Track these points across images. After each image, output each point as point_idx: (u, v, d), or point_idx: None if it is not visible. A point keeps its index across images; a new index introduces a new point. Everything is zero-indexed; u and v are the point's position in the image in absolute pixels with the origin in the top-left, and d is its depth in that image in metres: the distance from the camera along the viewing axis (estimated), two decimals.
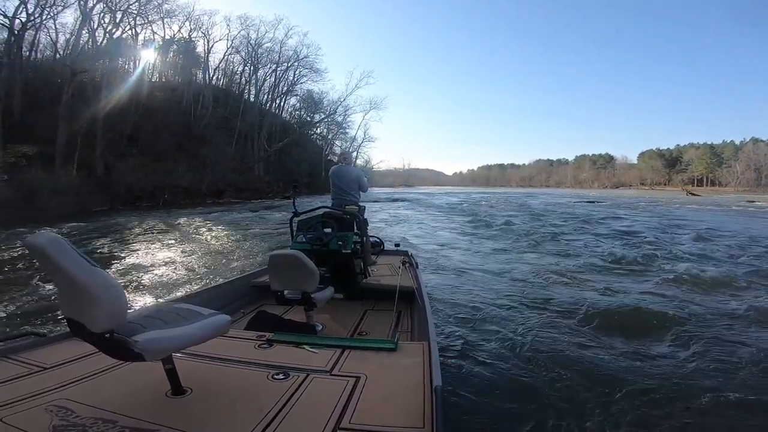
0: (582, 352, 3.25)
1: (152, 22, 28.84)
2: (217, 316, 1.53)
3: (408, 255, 4.30)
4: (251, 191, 30.02)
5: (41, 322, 4.04)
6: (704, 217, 17.46)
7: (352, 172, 4.18)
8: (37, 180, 15.65)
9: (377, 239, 4.65)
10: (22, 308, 4.50)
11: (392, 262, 4.13)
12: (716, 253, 7.96)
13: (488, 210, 18.68)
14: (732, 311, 4.26)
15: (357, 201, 4.13)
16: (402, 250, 4.74)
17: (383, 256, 4.48)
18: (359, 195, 4.21)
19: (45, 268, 1.27)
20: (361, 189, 4.21)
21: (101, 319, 1.20)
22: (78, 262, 1.19)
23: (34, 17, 21.09)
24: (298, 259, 2.41)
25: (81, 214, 15.13)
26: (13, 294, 5.04)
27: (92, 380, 1.55)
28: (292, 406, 1.36)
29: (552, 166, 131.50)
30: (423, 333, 2.28)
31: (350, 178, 4.12)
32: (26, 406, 1.33)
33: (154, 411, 1.32)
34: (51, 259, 1.17)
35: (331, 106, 44.92)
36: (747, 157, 79.19)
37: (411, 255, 4.28)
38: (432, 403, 1.34)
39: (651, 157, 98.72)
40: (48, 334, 1.99)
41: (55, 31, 24.05)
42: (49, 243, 1.19)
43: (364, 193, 4.31)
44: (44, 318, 4.15)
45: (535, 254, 7.99)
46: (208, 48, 35.17)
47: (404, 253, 4.46)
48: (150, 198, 21.89)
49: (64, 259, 1.17)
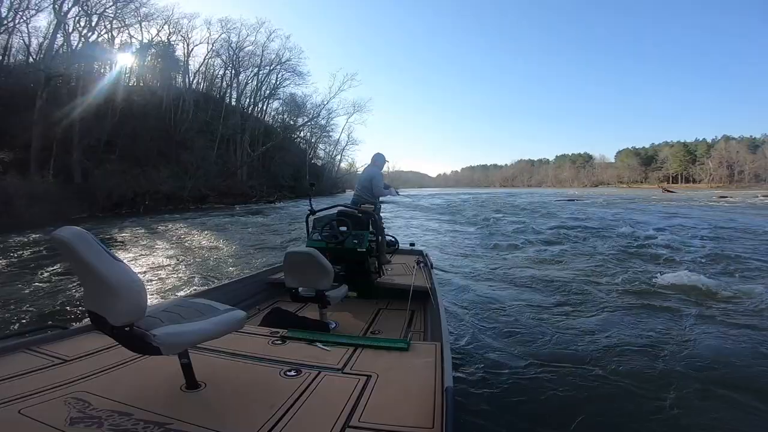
0: (600, 356, 3.13)
1: (129, 26, 28.16)
2: (232, 311, 1.54)
3: (423, 255, 4.29)
4: (235, 196, 29.55)
5: (66, 316, 4.25)
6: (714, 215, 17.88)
7: (367, 172, 4.37)
8: (11, 186, 15.14)
9: (392, 238, 4.64)
10: (48, 303, 4.73)
11: (407, 262, 4.15)
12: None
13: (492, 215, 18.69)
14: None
15: (370, 200, 4.20)
16: (417, 249, 4.74)
17: (398, 256, 4.50)
18: (371, 195, 4.25)
19: (69, 261, 1.29)
20: (373, 189, 4.24)
21: (122, 313, 1.23)
22: (101, 255, 1.22)
23: (7, 21, 20.46)
24: (313, 257, 2.42)
25: (59, 222, 14.59)
26: (37, 289, 5.34)
27: (110, 373, 1.58)
28: (303, 403, 1.38)
29: (533, 166, 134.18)
30: (436, 333, 2.28)
31: (364, 177, 4.33)
32: (45, 398, 1.36)
33: (169, 405, 1.34)
34: (75, 253, 1.20)
35: (314, 110, 44.82)
36: (719, 154, 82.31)
37: (426, 255, 4.26)
38: (443, 404, 1.34)
39: (628, 156, 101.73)
40: (69, 327, 2.03)
41: (28, 35, 23.29)
42: (74, 236, 1.22)
43: (378, 195, 4.27)
44: (69, 312, 4.37)
45: (549, 256, 7.69)
46: (187, 51, 34.62)
47: (419, 253, 4.46)
48: (130, 204, 21.34)
49: (88, 253, 1.20)
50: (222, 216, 18.36)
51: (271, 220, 16.42)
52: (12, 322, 4.03)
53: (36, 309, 4.46)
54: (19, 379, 1.48)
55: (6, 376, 1.50)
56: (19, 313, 4.34)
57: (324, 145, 51.68)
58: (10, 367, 1.57)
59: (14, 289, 5.40)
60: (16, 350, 1.74)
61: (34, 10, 21.47)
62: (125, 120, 24.94)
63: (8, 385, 1.44)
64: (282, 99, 43.18)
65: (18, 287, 5.53)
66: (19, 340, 1.84)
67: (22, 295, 5.07)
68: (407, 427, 1.25)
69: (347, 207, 3.83)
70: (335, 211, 3.69)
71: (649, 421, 2.34)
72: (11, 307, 4.54)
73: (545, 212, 19.00)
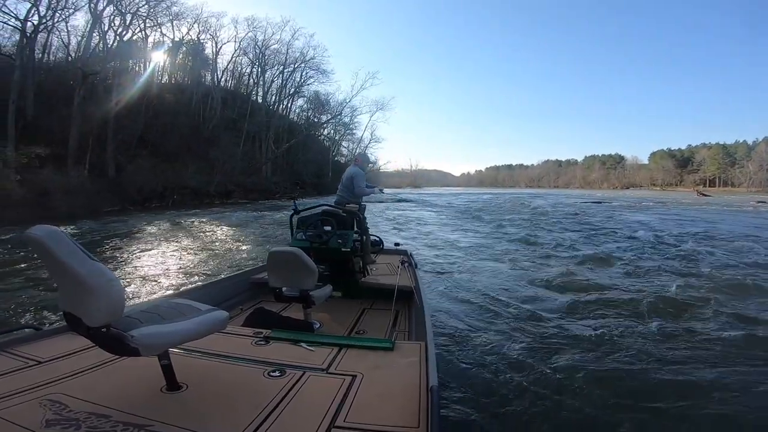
0: (582, 355, 3.19)
1: (161, 25, 29.02)
2: (214, 312, 1.52)
3: (407, 254, 4.31)
4: (259, 192, 30.11)
5: (39, 316, 4.12)
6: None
7: (348, 172, 4.33)
8: (49, 180, 15.80)
9: (377, 238, 4.62)
10: (21, 302, 4.58)
11: (391, 262, 4.14)
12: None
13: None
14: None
15: (352, 200, 4.17)
16: (401, 249, 4.73)
17: (382, 255, 4.48)
18: (352, 195, 4.22)
19: (43, 261, 1.25)
20: (354, 189, 4.21)
21: (98, 313, 1.18)
22: (76, 255, 1.17)
23: (46, 20, 21.30)
24: (297, 256, 2.41)
25: (92, 214, 15.24)
26: (12, 288, 5.16)
27: (87, 375, 1.54)
28: (287, 404, 1.35)
29: (561, 167, 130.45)
30: (420, 333, 2.27)
31: (345, 177, 4.31)
32: (20, 400, 1.31)
33: (149, 406, 1.31)
34: (49, 252, 1.16)
35: (337, 107, 45.03)
36: (760, 157, 77.79)
37: (410, 255, 4.30)
38: (428, 403, 1.33)
39: (662, 158, 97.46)
40: (44, 328, 1.98)
41: (66, 33, 24.30)
42: (48, 235, 1.17)
43: (360, 194, 4.23)
44: (42, 312, 4.23)
45: (541, 258, 7.69)
46: (216, 50, 35.37)
47: (403, 253, 4.46)
48: (159, 199, 22.01)
49: (62, 252, 1.16)
50: (245, 211, 18.67)
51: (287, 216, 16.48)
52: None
53: (9, 309, 4.34)
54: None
55: None
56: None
57: (347, 142, 51.91)
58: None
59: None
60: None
61: (71, 9, 22.36)
62: (157, 116, 25.77)
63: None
64: (306, 96, 43.64)
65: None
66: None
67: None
68: (393, 427, 1.24)
69: (331, 207, 3.79)
70: (320, 211, 3.64)
71: (644, 422, 2.35)
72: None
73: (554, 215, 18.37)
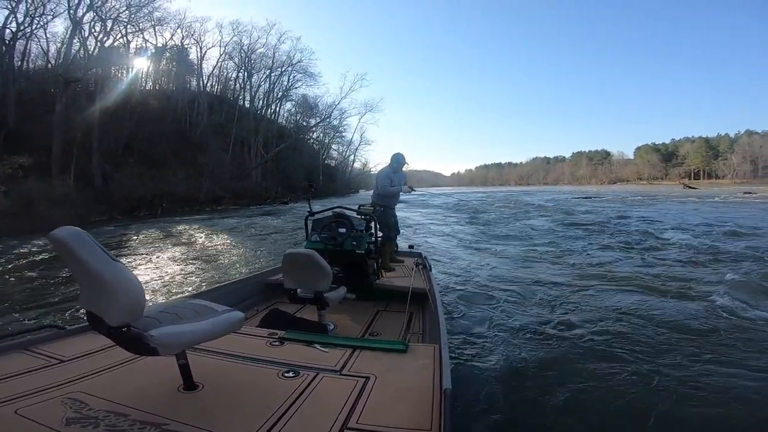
0: (598, 364, 3.04)
1: (143, 30, 28.42)
2: (230, 312, 1.53)
3: (421, 257, 4.29)
4: (249, 197, 29.73)
5: (68, 316, 4.28)
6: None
7: (377, 173, 4.58)
8: (33, 190, 15.36)
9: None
10: (46, 303, 4.80)
11: (406, 264, 4.18)
12: None
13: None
14: None
15: (378, 202, 4.33)
16: (415, 251, 4.75)
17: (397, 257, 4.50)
18: (377, 195, 4.40)
19: (66, 261, 1.29)
20: (378, 190, 4.38)
21: (119, 313, 1.20)
22: (99, 255, 1.20)
23: (24, 27, 20.92)
24: (311, 258, 2.41)
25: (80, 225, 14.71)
26: (37, 290, 5.42)
27: (107, 374, 1.57)
28: (300, 404, 1.37)
29: (549, 164, 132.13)
30: (434, 335, 2.27)
31: (376, 177, 4.51)
32: (42, 398, 1.34)
33: (166, 405, 1.33)
34: (72, 252, 1.18)
35: (326, 110, 44.81)
36: (742, 149, 79.75)
37: (424, 257, 4.27)
38: (441, 405, 1.33)
39: (647, 152, 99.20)
40: (67, 328, 2.02)
41: (46, 40, 23.89)
42: (71, 236, 1.20)
43: (384, 194, 4.37)
44: (66, 312, 4.40)
45: (553, 258, 7.45)
46: (201, 55, 34.88)
47: (418, 255, 4.46)
48: (148, 207, 21.54)
49: (85, 252, 1.18)
50: (236, 217, 18.47)
51: (282, 221, 16.40)
52: (10, 323, 4.07)
53: (35, 309, 4.50)
54: (16, 379, 1.48)
55: (3, 376, 1.49)
56: (17, 313, 4.40)
57: (337, 145, 51.75)
58: (7, 367, 1.56)
59: (16, 290, 5.49)
60: (13, 350, 1.74)
61: (50, 16, 21.93)
62: (142, 123, 25.32)
63: (5, 385, 1.43)
64: (294, 100, 43.38)
65: (21, 288, 5.60)
66: (17, 340, 1.83)
67: (23, 296, 5.15)
68: (405, 429, 1.24)
69: (346, 208, 3.83)
70: (334, 213, 3.68)
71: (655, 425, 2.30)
72: (11, 307, 4.59)
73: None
